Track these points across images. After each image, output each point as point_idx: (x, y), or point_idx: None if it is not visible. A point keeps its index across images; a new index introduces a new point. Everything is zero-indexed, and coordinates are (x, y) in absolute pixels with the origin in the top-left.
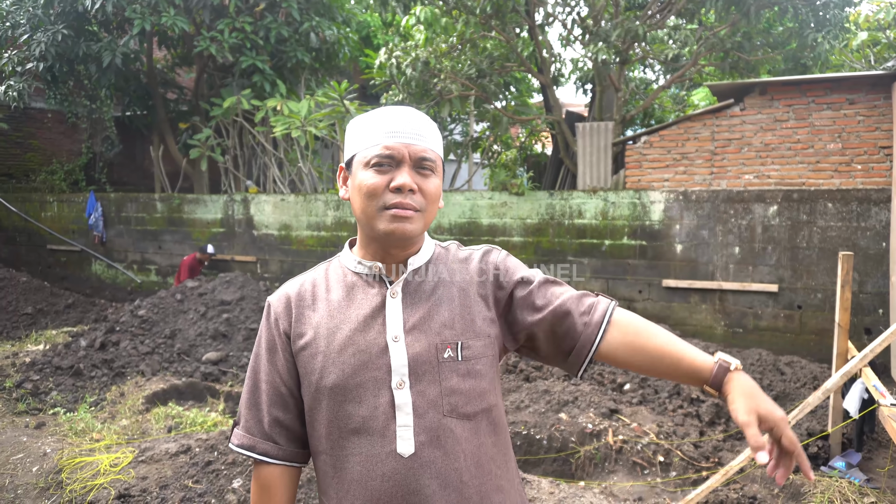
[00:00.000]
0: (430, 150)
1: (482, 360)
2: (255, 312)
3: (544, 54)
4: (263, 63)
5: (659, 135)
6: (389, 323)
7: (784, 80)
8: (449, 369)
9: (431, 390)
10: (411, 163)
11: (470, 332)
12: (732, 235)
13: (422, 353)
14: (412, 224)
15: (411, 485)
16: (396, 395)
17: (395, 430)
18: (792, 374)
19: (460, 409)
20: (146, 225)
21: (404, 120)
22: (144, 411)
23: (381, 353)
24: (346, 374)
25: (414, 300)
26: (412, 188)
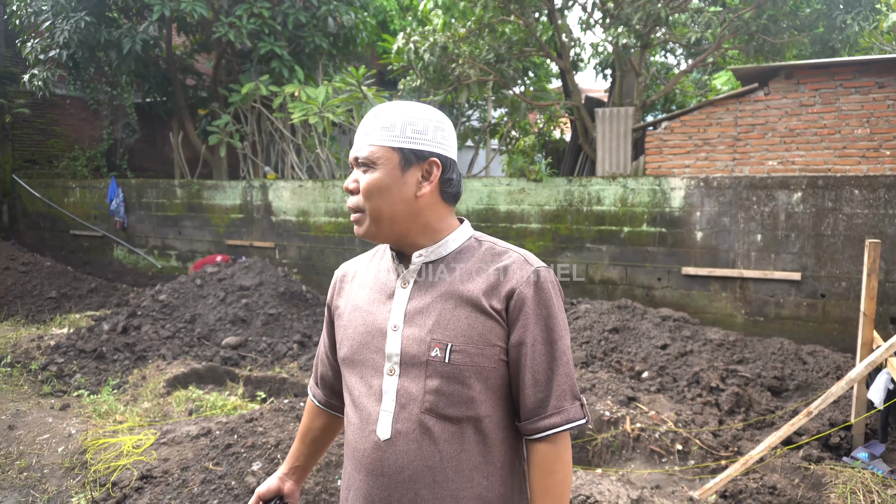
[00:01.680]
0: (365, 147)
1: (475, 368)
2: (273, 298)
3: (563, 39)
4: (281, 49)
5: (680, 120)
6: (394, 311)
7: (811, 63)
8: (434, 369)
9: (415, 385)
10: (357, 165)
11: (466, 336)
12: (755, 223)
13: (413, 346)
14: (361, 226)
15: (384, 467)
16: (386, 381)
17: (378, 413)
18: (814, 363)
19: (440, 410)
20: (166, 211)
21: (361, 125)
22: (166, 394)
23: (382, 338)
24: (353, 350)
25: (420, 292)
26: (348, 188)
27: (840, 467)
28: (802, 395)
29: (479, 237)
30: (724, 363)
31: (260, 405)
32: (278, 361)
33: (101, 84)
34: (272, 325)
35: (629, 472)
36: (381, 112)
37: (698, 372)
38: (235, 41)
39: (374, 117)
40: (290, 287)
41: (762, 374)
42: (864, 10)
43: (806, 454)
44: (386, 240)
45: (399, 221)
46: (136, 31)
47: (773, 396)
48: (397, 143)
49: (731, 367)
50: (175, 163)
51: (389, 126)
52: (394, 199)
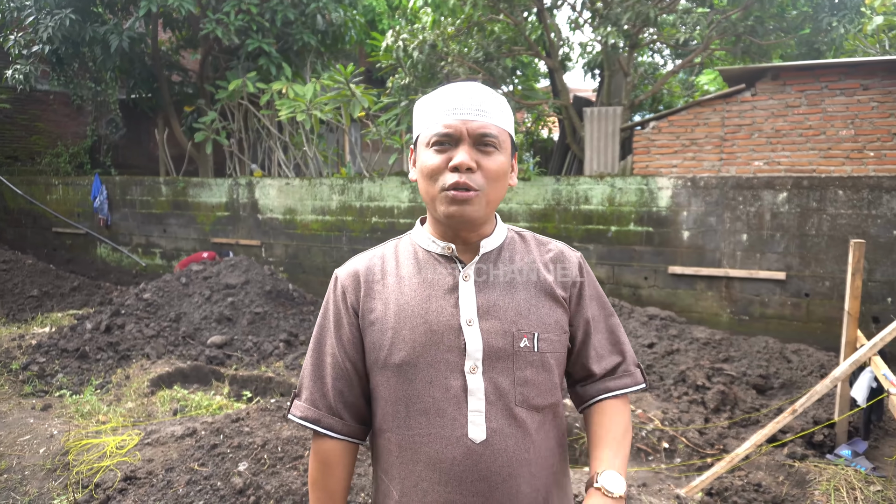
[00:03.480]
0: (492, 126)
1: (555, 354)
2: (259, 296)
3: (552, 38)
4: (269, 46)
5: (668, 120)
6: (463, 305)
7: (797, 64)
8: (524, 359)
9: (504, 379)
10: (471, 140)
11: (545, 324)
12: (740, 222)
13: (497, 339)
14: (472, 206)
15: (482, 471)
16: (469, 380)
17: (466, 415)
18: (799, 361)
19: (531, 401)
20: (151, 208)
21: (464, 96)
22: (150, 394)
23: (455, 335)
24: (416, 353)
25: (487, 284)
26: (470, 166)
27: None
28: (787, 394)
29: (513, 229)
30: (710, 362)
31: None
32: (264, 360)
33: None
34: (258, 324)
35: None
36: (489, 93)
37: (685, 370)
38: (223, 38)
39: (488, 96)
40: (277, 286)
41: (747, 372)
42: (850, 12)
43: (790, 452)
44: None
45: (496, 207)
46: (122, 27)
47: (758, 394)
48: (511, 129)
49: (717, 365)
50: (160, 160)
51: (505, 110)
52: (504, 184)
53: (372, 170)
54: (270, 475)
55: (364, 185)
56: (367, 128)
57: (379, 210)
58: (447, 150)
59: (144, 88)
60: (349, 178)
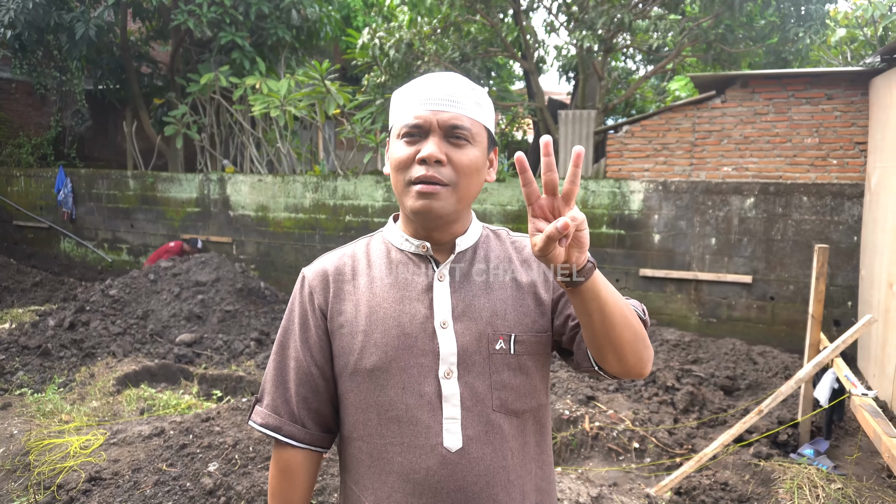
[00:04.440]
0: (465, 117)
1: (535, 356)
2: (230, 294)
3: (528, 40)
4: (243, 39)
5: (641, 125)
6: (437, 307)
7: (765, 73)
8: (500, 362)
9: (480, 383)
10: (441, 132)
11: (522, 324)
12: (709, 227)
13: (472, 342)
14: (440, 200)
15: (458, 481)
16: (444, 385)
17: (441, 423)
18: (764, 363)
19: (509, 405)
20: (118, 203)
21: (437, 86)
22: (116, 393)
23: (429, 339)
24: (388, 357)
25: (462, 284)
26: (439, 158)
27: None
28: (753, 395)
29: (488, 227)
30: (679, 363)
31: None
32: (235, 359)
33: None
34: (229, 322)
35: (588, 470)
36: (464, 84)
37: (655, 372)
38: (195, 30)
39: (462, 87)
40: (248, 283)
41: (715, 373)
42: (815, 23)
43: (756, 451)
44: (445, 221)
45: (468, 203)
46: (90, 14)
47: (725, 395)
48: (488, 123)
49: (686, 366)
50: (128, 153)
51: (482, 103)
52: (479, 180)
53: (346, 168)
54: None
55: (338, 184)
56: (342, 125)
57: (353, 209)
58: (417, 142)
59: (112, 79)
60: (323, 175)
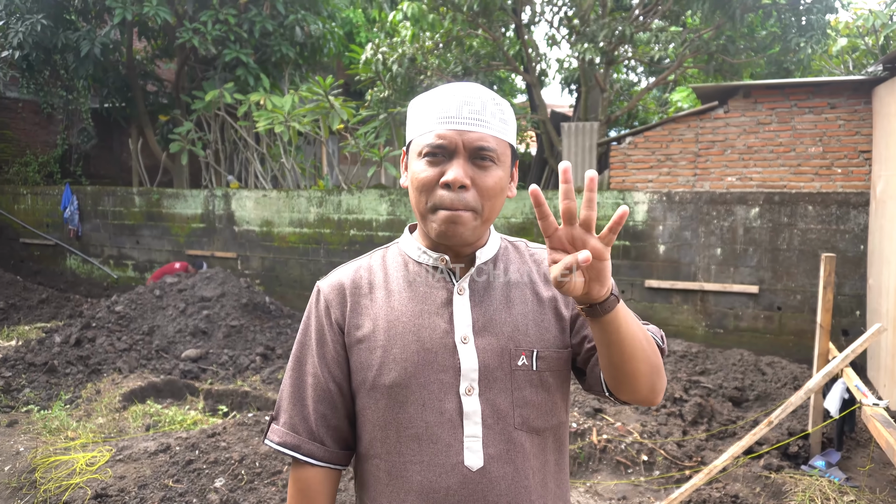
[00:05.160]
0: (490, 138)
1: (556, 372)
2: (235, 309)
3: (530, 53)
4: (247, 56)
5: (644, 136)
6: (458, 321)
7: (768, 83)
8: (522, 378)
9: (502, 400)
10: (466, 153)
11: (544, 340)
12: (714, 237)
13: (493, 358)
14: (464, 226)
15: (478, 501)
16: (465, 402)
17: (462, 441)
18: (773, 374)
19: (531, 423)
20: (123, 219)
21: (461, 102)
22: (121, 409)
23: (449, 354)
24: (408, 373)
25: (482, 298)
26: (464, 184)
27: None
28: (762, 406)
29: (506, 238)
30: (687, 374)
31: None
32: (240, 374)
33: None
34: (234, 338)
35: (596, 484)
36: (489, 99)
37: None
38: (200, 47)
39: (487, 103)
40: (253, 298)
41: (723, 384)
42: (817, 33)
43: (766, 463)
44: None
45: (490, 225)
46: (96, 34)
47: (734, 407)
48: (512, 139)
49: (694, 378)
50: (133, 170)
51: (507, 119)
52: (502, 200)
53: (350, 182)
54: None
55: (342, 198)
56: (346, 140)
57: (357, 223)
58: (440, 163)
59: (118, 98)
60: (327, 190)
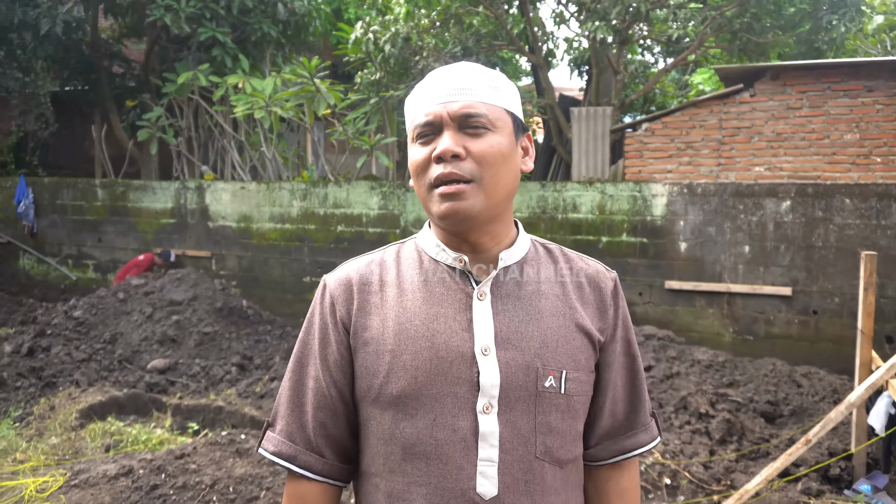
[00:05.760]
0: (478, 104)
1: (583, 398)
2: (209, 314)
3: (536, 32)
4: (224, 35)
5: (661, 122)
6: (478, 329)
7: (797, 64)
8: (548, 402)
9: (524, 423)
10: (455, 124)
11: (576, 360)
12: (742, 233)
13: (518, 375)
14: (466, 200)
15: None
16: (481, 421)
17: (475, 464)
18: (809, 386)
19: (554, 453)
20: (84, 214)
21: (446, 78)
22: (78, 427)
23: (466, 365)
24: (418, 383)
25: (507, 306)
26: (456, 153)
27: (842, 502)
28: (798, 422)
29: (537, 240)
30: (713, 386)
31: (192, 438)
32: (214, 387)
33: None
34: (207, 346)
35: None
36: (475, 69)
37: (686, 396)
38: (172, 25)
39: (473, 73)
40: (229, 302)
41: (755, 398)
42: (850, 10)
43: (805, 487)
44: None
45: (504, 199)
46: (57, 10)
47: (766, 423)
48: (510, 106)
49: (722, 390)
50: (97, 160)
51: (499, 86)
52: (509, 170)
53: (338, 173)
54: None
55: (329, 191)
56: (333, 127)
57: (345, 218)
58: (431, 141)
59: (81, 80)
60: (312, 182)
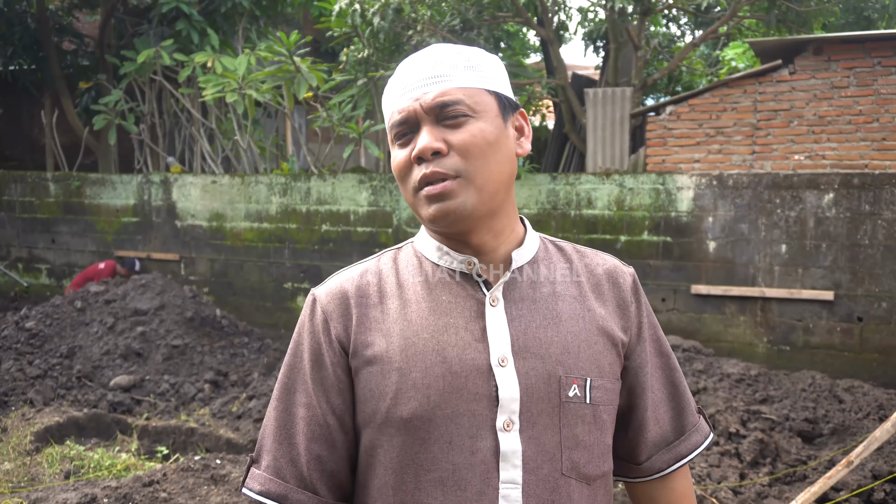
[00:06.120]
0: (453, 90)
1: (610, 408)
2: (178, 325)
3: (546, 1)
4: (190, 6)
5: (688, 104)
6: (493, 339)
7: (844, 36)
8: (573, 413)
9: (549, 438)
10: (431, 117)
11: (599, 366)
12: (778, 230)
13: (539, 385)
14: (455, 198)
15: None
16: (502, 440)
17: (497, 488)
18: (853, 401)
19: (581, 469)
20: (35, 212)
21: (415, 67)
22: (34, 451)
23: (483, 380)
24: (431, 403)
25: (521, 311)
26: (437, 149)
27: None
28: (839, 441)
29: (547, 238)
30: (744, 403)
31: (161, 464)
32: (184, 407)
33: None
34: (177, 360)
35: None
36: (448, 51)
37: (714, 414)
38: None
39: (445, 56)
40: (201, 311)
41: (791, 415)
42: None
43: None
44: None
45: (501, 191)
46: None
47: (804, 443)
48: (491, 86)
49: (754, 407)
50: (48, 150)
51: (474, 65)
52: (502, 157)
53: (322, 165)
54: None
55: (312, 185)
56: (316, 112)
57: (331, 216)
58: (410, 141)
59: (27, 58)
60: (293, 175)
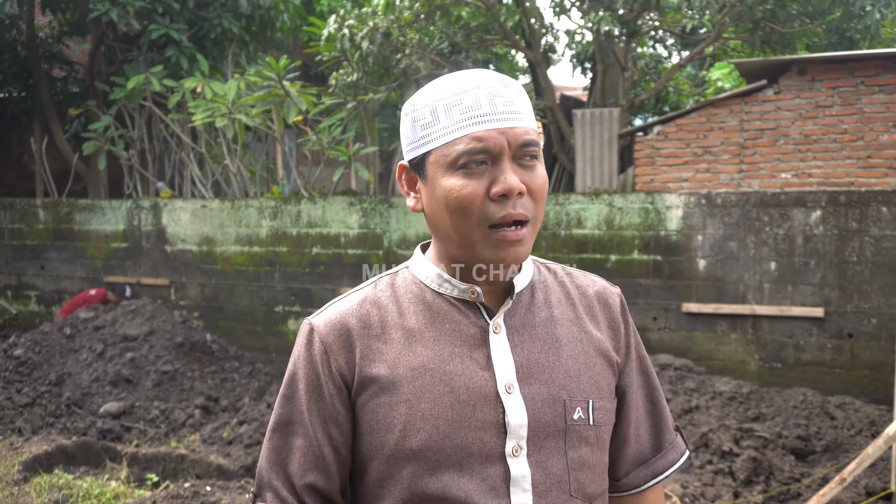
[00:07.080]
0: (531, 131)
1: (609, 427)
2: (168, 350)
3: (533, 24)
4: (179, 33)
5: (676, 124)
6: (498, 366)
7: (827, 56)
8: (578, 435)
9: (556, 462)
10: (511, 153)
11: (599, 388)
12: (767, 248)
13: (545, 410)
14: (525, 245)
15: None
16: (512, 466)
17: None
18: (844, 418)
19: (586, 489)
20: (24, 239)
21: (489, 94)
22: (22, 481)
23: (491, 407)
24: (441, 433)
25: (523, 336)
26: (522, 190)
27: None
28: (832, 458)
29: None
30: (737, 421)
31: (151, 491)
32: (175, 433)
33: None
34: (167, 387)
35: None
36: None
37: (707, 433)
38: (119, 22)
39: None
40: (191, 336)
41: (783, 433)
42: None
43: None
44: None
45: None
46: None
47: (797, 461)
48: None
49: (746, 425)
50: (37, 177)
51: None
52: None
53: (312, 188)
54: None
55: (302, 208)
56: (306, 136)
57: (321, 238)
58: (482, 173)
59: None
60: (283, 198)
